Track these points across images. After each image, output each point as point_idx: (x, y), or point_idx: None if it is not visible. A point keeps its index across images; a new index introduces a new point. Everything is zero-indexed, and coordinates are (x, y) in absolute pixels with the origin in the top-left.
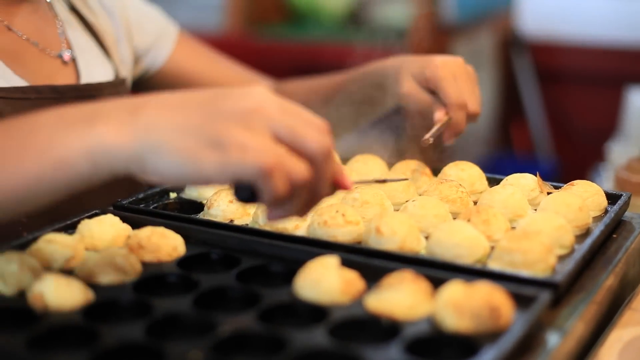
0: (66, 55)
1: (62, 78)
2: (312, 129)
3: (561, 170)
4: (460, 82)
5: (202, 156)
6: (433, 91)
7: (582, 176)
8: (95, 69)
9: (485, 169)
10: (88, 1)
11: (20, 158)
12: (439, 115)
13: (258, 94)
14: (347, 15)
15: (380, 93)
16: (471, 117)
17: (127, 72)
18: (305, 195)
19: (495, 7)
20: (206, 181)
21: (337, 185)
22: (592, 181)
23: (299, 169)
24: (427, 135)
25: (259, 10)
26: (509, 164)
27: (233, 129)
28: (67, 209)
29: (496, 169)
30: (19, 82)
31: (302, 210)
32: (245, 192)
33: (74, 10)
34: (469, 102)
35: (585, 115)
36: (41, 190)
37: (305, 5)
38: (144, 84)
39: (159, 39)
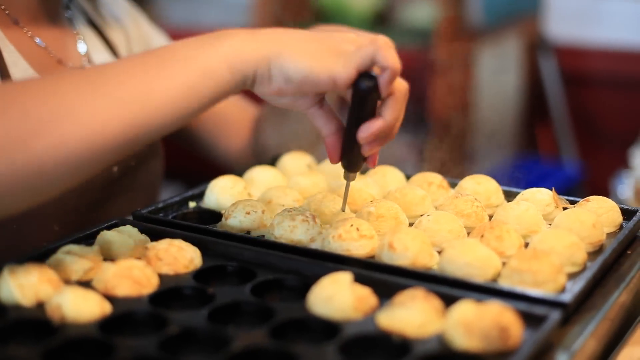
0: None
1: None
2: None
3: (586, 173)
4: None
5: (326, 57)
6: None
7: (605, 181)
8: None
9: (510, 171)
10: (103, 14)
11: (170, 71)
12: None
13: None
14: (373, 16)
15: None
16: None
17: None
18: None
19: (521, 11)
20: (331, 79)
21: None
22: (615, 188)
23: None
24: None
25: (286, 10)
26: (534, 166)
27: (348, 43)
28: (93, 217)
29: (521, 171)
30: None
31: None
32: (367, 80)
33: (91, 23)
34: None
35: (610, 119)
36: (192, 99)
37: (332, 5)
38: None
39: None
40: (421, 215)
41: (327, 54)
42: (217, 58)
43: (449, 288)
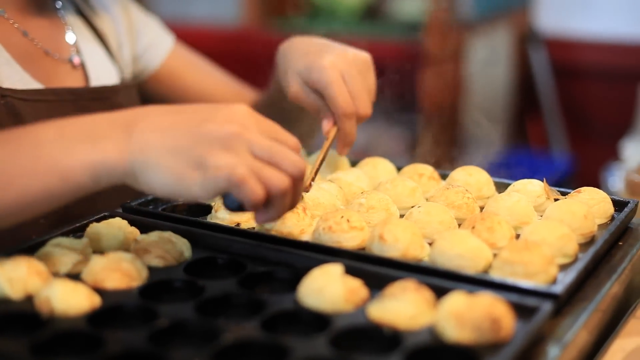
0: (76, 60)
1: (72, 81)
2: (286, 151)
3: (576, 165)
4: (350, 83)
5: (187, 176)
6: (321, 93)
7: (596, 173)
8: (102, 73)
9: (501, 163)
10: (92, 4)
11: (30, 173)
12: (327, 127)
13: (240, 116)
14: (363, 9)
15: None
16: (361, 120)
17: (129, 75)
18: (287, 201)
19: (511, 3)
20: (192, 197)
21: None
22: (606, 180)
23: (277, 178)
24: (308, 181)
25: (276, 3)
26: (524, 158)
27: (215, 151)
28: (80, 209)
29: (511, 163)
30: (36, 85)
31: (284, 213)
32: (232, 202)
33: (80, 13)
34: (360, 106)
35: (601, 111)
36: (48, 200)
37: None
38: (140, 86)
39: (154, 44)
40: (412, 207)
41: (189, 169)
42: (82, 167)
43: (440, 280)
